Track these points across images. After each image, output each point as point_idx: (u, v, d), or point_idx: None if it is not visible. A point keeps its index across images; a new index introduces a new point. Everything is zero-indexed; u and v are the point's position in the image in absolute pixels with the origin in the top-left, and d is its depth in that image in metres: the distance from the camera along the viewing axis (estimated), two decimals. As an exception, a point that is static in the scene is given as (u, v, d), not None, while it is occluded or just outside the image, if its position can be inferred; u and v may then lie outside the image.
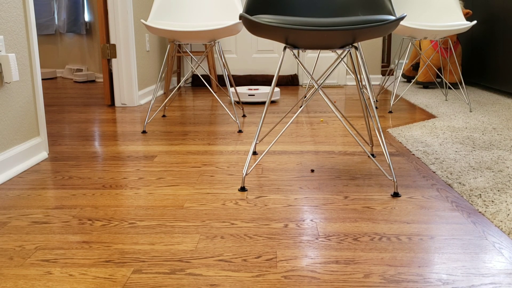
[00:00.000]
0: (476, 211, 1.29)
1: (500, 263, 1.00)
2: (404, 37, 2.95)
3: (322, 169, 1.69)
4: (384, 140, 1.70)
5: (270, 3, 1.65)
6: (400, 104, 3.11)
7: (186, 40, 2.34)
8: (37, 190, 1.50)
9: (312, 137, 2.17)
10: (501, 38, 3.32)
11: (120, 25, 3.02)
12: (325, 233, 1.16)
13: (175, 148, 2.00)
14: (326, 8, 1.68)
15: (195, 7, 2.50)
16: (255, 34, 1.50)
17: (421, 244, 1.09)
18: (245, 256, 1.04)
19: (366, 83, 1.73)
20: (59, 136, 2.26)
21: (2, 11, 1.62)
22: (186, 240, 1.13)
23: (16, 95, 1.71)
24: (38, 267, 1.00)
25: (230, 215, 1.28)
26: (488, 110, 2.79)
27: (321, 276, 0.95)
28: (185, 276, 0.96)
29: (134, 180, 1.59)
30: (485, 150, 1.89)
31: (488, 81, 3.53)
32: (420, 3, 3.01)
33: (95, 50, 4.81)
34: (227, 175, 1.63)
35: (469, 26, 2.72)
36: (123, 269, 0.99)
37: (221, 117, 2.71)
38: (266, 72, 4.25)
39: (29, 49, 1.79)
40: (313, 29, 1.35)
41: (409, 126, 2.36)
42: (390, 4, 1.56)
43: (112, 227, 1.20)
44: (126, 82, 3.11)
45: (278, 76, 4.20)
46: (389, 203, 1.35)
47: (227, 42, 4.22)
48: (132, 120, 2.64)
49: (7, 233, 1.18)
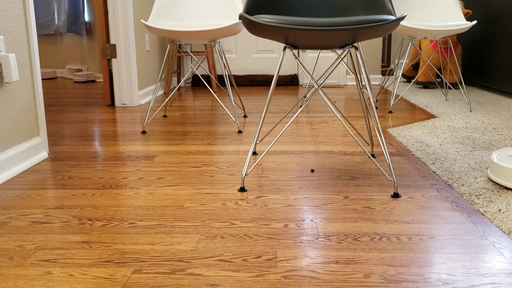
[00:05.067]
0: (476, 211, 1.29)
1: (500, 263, 1.00)
2: (404, 37, 2.95)
3: (322, 169, 1.69)
4: (384, 140, 1.70)
5: (270, 3, 1.65)
6: (400, 104, 3.11)
7: (186, 40, 2.34)
8: (37, 190, 1.50)
9: (312, 137, 2.17)
10: (501, 38, 3.32)
11: (120, 25, 3.02)
12: (325, 233, 1.16)
13: (175, 148, 2.00)
14: (326, 8, 1.68)
15: (196, 7, 2.50)
16: (255, 34, 1.50)
17: (421, 244, 1.09)
18: (245, 256, 1.04)
19: (366, 83, 1.73)
20: (59, 136, 2.26)
21: (2, 11, 1.62)
22: (186, 240, 1.13)
23: (16, 95, 1.71)
24: (38, 267, 1.00)
25: (230, 215, 1.28)
26: (488, 110, 2.79)
27: (321, 276, 0.95)
28: (185, 276, 0.96)
29: (134, 180, 1.59)
30: (485, 150, 1.89)
31: (488, 81, 3.53)
32: (420, 3, 3.01)
33: (95, 50, 4.80)
34: (227, 175, 1.63)
35: (469, 26, 2.72)
36: (123, 269, 0.99)
37: (221, 117, 2.71)
38: (266, 72, 4.25)
39: (29, 49, 1.79)
40: (313, 29, 1.35)
41: (409, 126, 2.36)
42: (390, 4, 1.56)
43: (112, 227, 1.20)
44: (126, 82, 3.11)
45: (278, 76, 4.20)
46: (389, 203, 1.35)
47: (227, 42, 4.22)
48: (132, 120, 2.64)
49: (7, 233, 1.18)
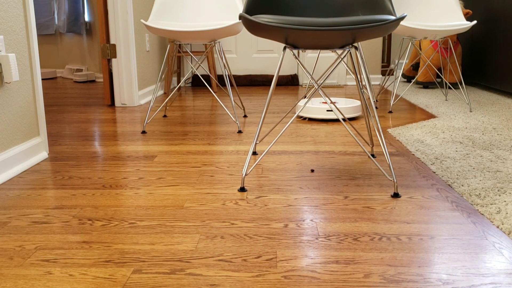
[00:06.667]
0: (476, 211, 1.29)
1: (500, 263, 1.00)
2: (404, 37, 2.95)
3: (322, 169, 1.69)
4: (384, 140, 1.70)
5: (270, 3, 1.65)
6: (400, 104, 3.11)
7: (186, 40, 2.34)
8: (37, 190, 1.50)
9: (312, 137, 2.17)
10: (501, 38, 3.32)
11: (120, 25, 3.02)
12: (325, 233, 1.16)
13: (175, 148, 2.00)
14: (326, 8, 1.68)
15: (196, 7, 2.50)
16: (255, 34, 1.50)
17: (421, 244, 1.09)
18: (245, 256, 1.04)
19: (366, 83, 1.72)
20: (59, 136, 2.26)
21: (2, 11, 1.62)
22: (186, 240, 1.13)
23: (16, 95, 1.71)
24: (38, 267, 1.00)
25: (230, 215, 1.28)
26: (488, 110, 2.79)
27: (321, 276, 0.95)
28: (185, 276, 0.96)
29: (134, 180, 1.59)
30: (485, 150, 1.89)
31: (488, 81, 3.53)
32: (420, 3, 3.01)
33: (95, 50, 4.80)
34: (227, 175, 1.63)
35: (469, 26, 2.72)
36: (123, 269, 0.99)
37: (221, 117, 2.71)
38: (266, 72, 4.25)
39: (29, 49, 1.79)
40: (313, 29, 1.35)
41: (409, 126, 2.36)
42: (390, 4, 1.56)
43: (112, 227, 1.20)
44: (126, 82, 3.11)
45: (278, 76, 4.20)
46: (389, 203, 1.35)
47: (227, 42, 4.22)
48: (132, 120, 2.64)
49: (7, 233, 1.18)
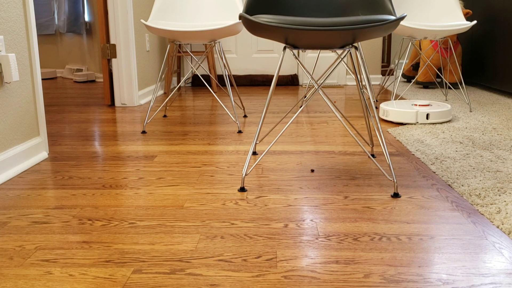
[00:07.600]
0: (476, 211, 1.29)
1: (500, 263, 1.00)
2: (404, 37, 2.95)
3: (322, 169, 1.69)
4: (384, 140, 1.70)
5: (270, 3, 1.65)
6: (400, 104, 3.11)
7: (186, 40, 2.34)
8: (37, 190, 1.50)
9: (312, 137, 2.17)
10: (501, 38, 3.32)
11: (120, 25, 3.02)
12: (325, 233, 1.16)
13: (175, 148, 2.00)
14: (326, 8, 1.68)
15: (196, 7, 2.50)
16: (255, 34, 1.50)
17: (421, 244, 1.09)
18: (245, 256, 1.04)
19: (366, 83, 1.72)
20: (59, 136, 2.26)
21: (2, 11, 1.62)
22: (186, 240, 1.13)
23: (16, 95, 1.71)
24: (38, 267, 1.00)
25: (230, 215, 1.28)
26: (488, 110, 2.79)
27: (321, 276, 0.95)
28: (185, 276, 0.96)
29: (134, 180, 1.59)
30: (485, 150, 1.89)
31: (488, 81, 3.53)
32: (420, 3, 3.01)
33: (95, 50, 4.80)
34: (227, 175, 1.63)
35: (469, 26, 2.72)
36: (123, 269, 0.99)
37: (221, 117, 2.71)
38: (266, 72, 4.25)
39: (29, 49, 1.79)
40: (313, 29, 1.35)
41: (409, 126, 2.36)
42: (390, 4, 1.56)
43: (112, 227, 1.20)
44: (126, 82, 3.11)
45: (278, 76, 4.20)
46: (389, 203, 1.35)
47: (227, 42, 4.22)
48: (132, 120, 2.64)
49: (7, 233, 1.18)
